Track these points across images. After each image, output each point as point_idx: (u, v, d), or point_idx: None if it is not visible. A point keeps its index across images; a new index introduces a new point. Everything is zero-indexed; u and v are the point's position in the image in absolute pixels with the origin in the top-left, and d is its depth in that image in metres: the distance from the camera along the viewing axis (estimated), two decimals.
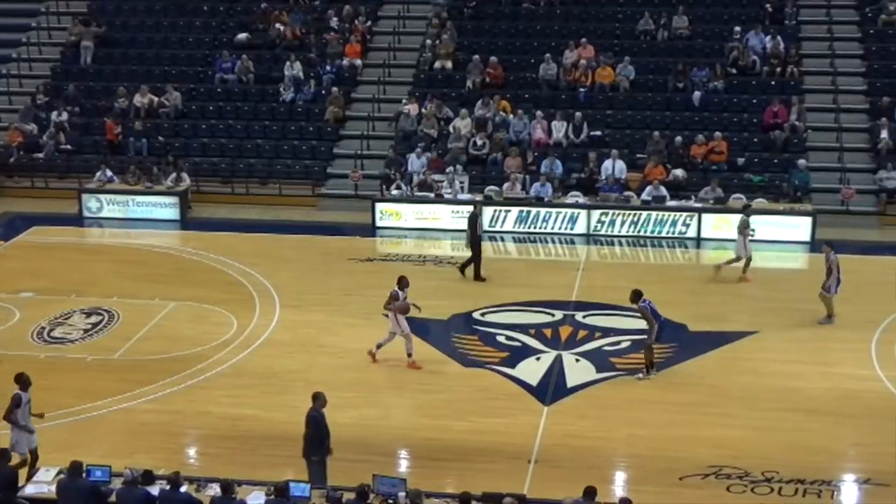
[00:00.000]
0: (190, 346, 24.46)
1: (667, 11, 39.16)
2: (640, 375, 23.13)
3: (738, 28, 38.12)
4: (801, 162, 33.73)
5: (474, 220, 28.91)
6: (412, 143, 35.55)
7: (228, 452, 19.90)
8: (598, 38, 38.58)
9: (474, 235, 28.75)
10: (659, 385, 22.90)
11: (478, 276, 28.75)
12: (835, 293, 25.39)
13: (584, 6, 40.30)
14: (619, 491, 18.70)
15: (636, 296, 23.19)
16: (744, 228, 28.40)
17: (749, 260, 28.55)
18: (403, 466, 19.93)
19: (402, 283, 23.92)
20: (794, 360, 23.90)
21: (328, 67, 38.87)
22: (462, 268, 29.04)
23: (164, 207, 34.48)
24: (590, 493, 16.69)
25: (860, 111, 36.47)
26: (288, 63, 38.65)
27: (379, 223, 33.29)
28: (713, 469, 19.39)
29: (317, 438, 17.91)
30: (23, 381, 18.63)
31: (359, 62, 39.31)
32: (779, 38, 37.79)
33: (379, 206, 33.33)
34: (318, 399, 18.05)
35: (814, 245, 31.10)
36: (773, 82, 36.98)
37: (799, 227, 31.67)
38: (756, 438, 20.53)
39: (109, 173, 35.07)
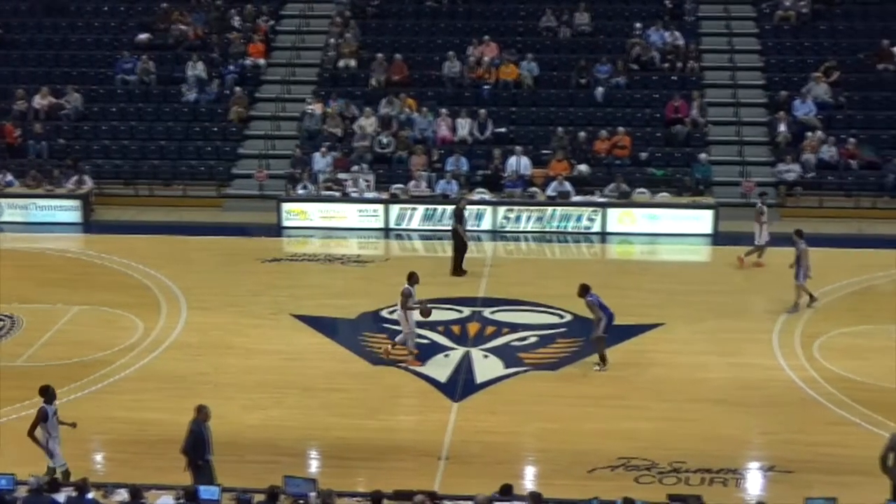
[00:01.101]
0: (94, 350, 24.13)
1: (569, 8, 39.43)
2: (597, 368, 23.30)
3: (638, 24, 38.50)
4: (703, 156, 34.19)
5: (460, 214, 29.06)
6: (317, 142, 35.42)
7: (136, 457, 19.67)
8: (502, 36, 38.74)
9: (456, 229, 28.99)
10: (567, 379, 23.07)
11: (457, 270, 28.92)
12: (803, 282, 25.54)
13: (487, 4, 40.45)
14: (529, 485, 18.77)
15: (583, 290, 23.35)
16: (759, 216, 28.65)
17: (764, 247, 28.87)
18: (314, 467, 19.85)
19: (413, 279, 23.86)
20: (700, 352, 24.21)
21: (231, 67, 38.58)
22: (457, 268, 29.02)
23: (65, 210, 33.98)
24: (506, 490, 16.77)
25: (759, 105, 37.03)
26: (190, 63, 38.30)
27: (285, 223, 33.13)
28: (622, 461, 19.59)
29: (195, 448, 17.63)
30: (49, 393, 18.18)
31: (262, 62, 39.08)
32: (678, 33, 38.25)
33: (285, 206, 33.17)
34: (202, 412, 17.77)
35: (716, 237, 31.58)
36: (673, 77, 37.43)
37: (701, 220, 32.10)
38: (664, 429, 20.76)
39: (9, 177, 34.49)
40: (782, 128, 35.16)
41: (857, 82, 36.97)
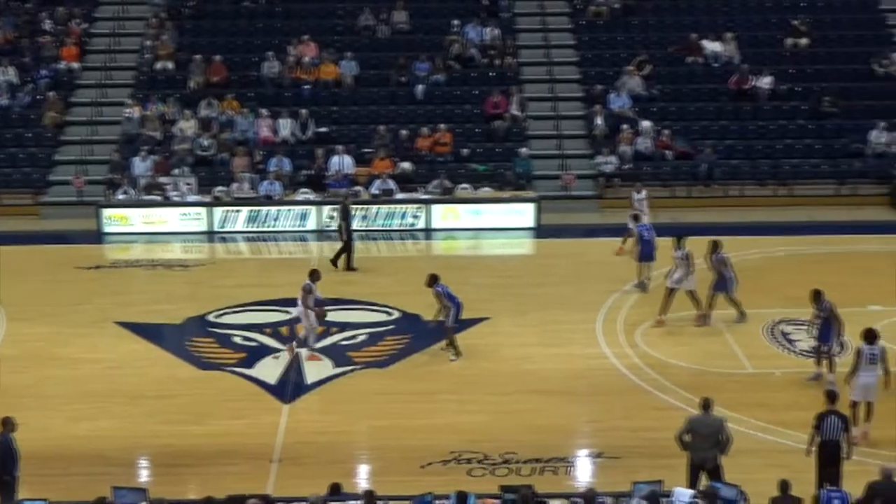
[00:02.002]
0: None
1: (387, 7, 39.58)
2: (452, 357, 23.52)
3: (456, 21, 38.84)
4: (523, 150, 34.72)
5: (346, 210, 29.05)
6: (136, 146, 34.82)
7: None
8: (320, 35, 38.66)
9: (346, 225, 28.94)
10: (397, 376, 23.19)
11: (350, 267, 29.00)
12: (733, 291, 25.34)
13: (305, 3, 40.32)
14: (363, 483, 18.84)
15: (432, 280, 23.58)
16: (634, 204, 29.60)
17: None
18: (143, 476, 19.54)
19: (315, 276, 23.93)
20: (526, 344, 24.57)
21: (44, 72, 37.67)
22: (334, 260, 29.09)
23: None
24: (334, 489, 16.79)
25: (575, 99, 37.73)
26: (1, 68, 37.25)
27: (106, 229, 32.47)
28: (454, 455, 19.77)
29: (3, 463, 17.19)
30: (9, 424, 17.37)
31: (76, 65, 38.25)
32: (496, 30, 38.73)
33: (105, 212, 32.52)
34: (7, 425, 17.34)
35: (538, 231, 32.08)
36: (492, 74, 37.88)
37: (523, 214, 32.58)
38: (494, 422, 21.03)
39: None
40: (599, 121, 35.93)
41: (668, 75, 38.01)
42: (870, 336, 20.08)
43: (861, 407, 20.00)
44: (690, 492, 17.00)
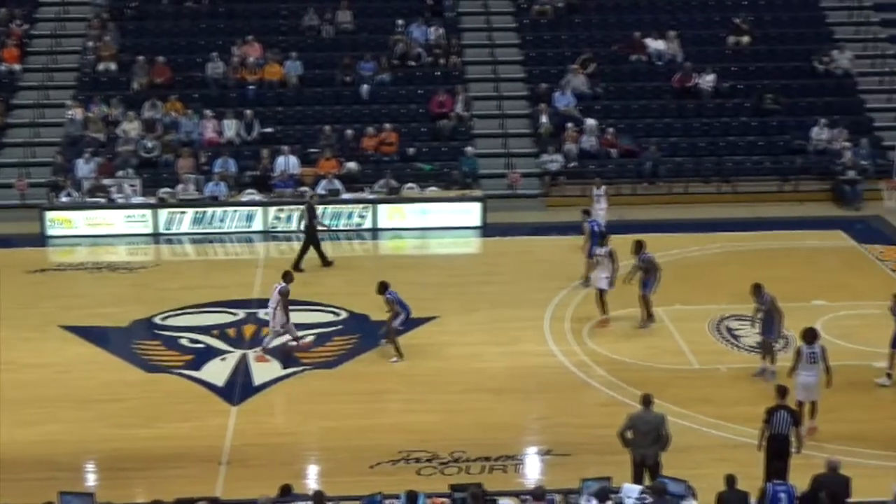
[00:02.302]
0: None
1: (331, 6, 39.49)
2: (394, 360, 23.57)
3: (400, 21, 38.83)
4: (469, 149, 34.77)
5: (311, 209, 29.08)
6: (79, 148, 34.52)
7: None
8: (265, 35, 38.50)
9: (311, 224, 29.01)
10: (345, 376, 23.19)
11: (325, 262, 29.22)
12: (650, 292, 25.32)
13: (248, 3, 40.11)
14: (312, 484, 18.83)
15: (382, 287, 23.65)
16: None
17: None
18: (91, 480, 19.44)
19: (288, 277, 24.02)
20: (474, 342, 24.63)
21: None
22: (324, 259, 29.23)
23: None
24: (285, 490, 16.77)
25: (520, 98, 37.84)
26: None
27: (49, 232, 32.15)
28: (403, 454, 19.84)
29: None
30: None
31: (17, 67, 37.85)
32: (440, 29, 38.77)
33: (48, 215, 32.21)
34: None
35: (485, 229, 32.14)
36: (437, 73, 37.91)
37: (470, 213, 32.62)
38: (443, 421, 21.10)
39: None
40: (544, 119, 36.05)
41: (612, 73, 38.19)
42: (809, 336, 20.20)
43: (805, 406, 20.18)
44: (639, 487, 17.15)
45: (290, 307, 23.90)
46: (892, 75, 38.48)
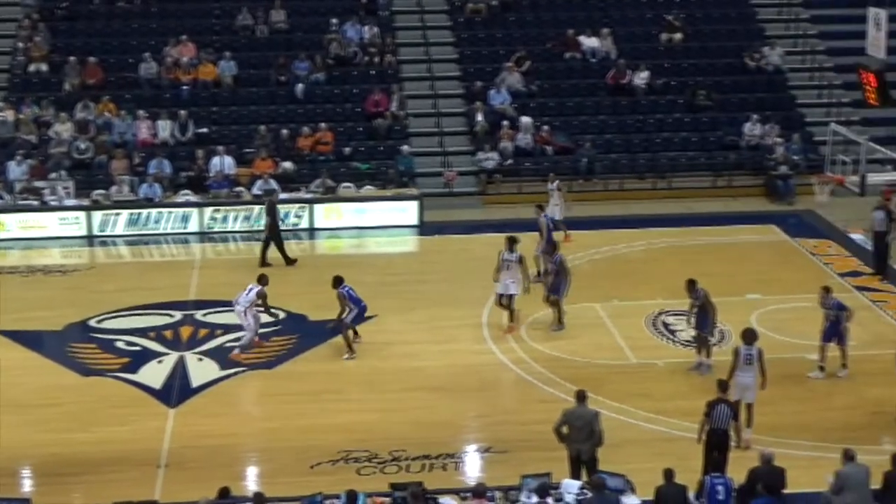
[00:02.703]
0: None
1: (264, 6, 39.34)
2: (347, 356, 23.61)
3: (335, 20, 38.76)
4: (405, 148, 34.78)
5: (272, 207, 29.09)
6: (11, 150, 34.10)
7: None
8: (198, 35, 38.27)
9: (273, 222, 29.03)
10: (284, 376, 23.13)
11: (288, 261, 29.27)
12: (563, 295, 25.29)
13: (181, 3, 39.88)
14: (252, 486, 18.77)
15: (337, 282, 23.70)
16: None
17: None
18: (27, 486, 19.24)
19: (264, 280, 24.25)
20: (413, 341, 24.65)
21: None
22: (262, 260, 29.08)
23: None
24: (223, 493, 16.69)
25: (456, 96, 37.91)
26: None
27: None
28: (343, 454, 19.81)
29: None
30: None
31: None
32: (375, 28, 38.72)
33: None
34: None
35: (422, 228, 32.15)
36: (372, 72, 37.88)
37: (407, 212, 32.61)
38: (382, 420, 21.11)
39: None
40: (479, 117, 36.12)
41: (547, 71, 38.35)
42: (748, 336, 20.28)
43: (741, 407, 20.23)
44: (578, 483, 17.25)
45: (227, 307, 23.79)
46: (822, 71, 38.92)
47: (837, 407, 21.80)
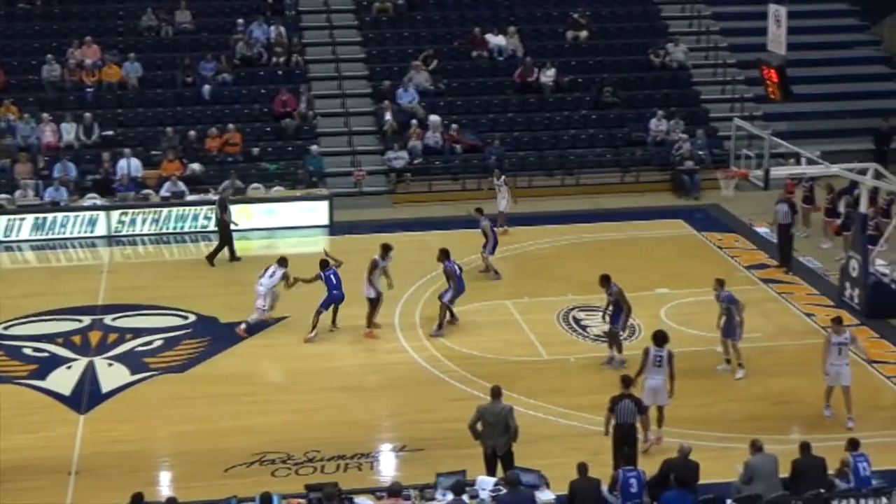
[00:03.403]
0: None
1: (169, 7, 38.99)
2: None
3: (240, 20, 38.54)
4: (314, 148, 34.69)
5: (224, 204, 29.19)
6: None
7: None
8: (102, 37, 37.82)
9: (223, 219, 29.08)
10: (196, 379, 22.99)
11: (233, 257, 29.40)
12: (453, 300, 25.24)
13: (85, 4, 39.36)
14: (166, 491, 18.64)
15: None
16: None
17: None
18: None
19: (284, 262, 25.11)
20: (326, 341, 24.60)
21: None
22: (210, 257, 29.29)
23: None
24: (136, 499, 16.53)
25: (364, 96, 37.88)
26: None
27: None
28: (257, 456, 19.75)
29: None
30: None
31: None
32: (281, 28, 38.56)
33: None
34: None
35: (332, 228, 32.09)
36: (279, 72, 37.72)
37: (317, 212, 32.53)
38: (297, 421, 21.07)
39: None
40: (388, 116, 36.12)
41: (454, 69, 38.47)
42: (659, 338, 20.36)
43: (652, 409, 20.26)
44: (493, 480, 17.36)
45: (137, 311, 23.57)
46: (724, 67, 39.49)
47: (745, 398, 22.17)
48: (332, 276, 24.47)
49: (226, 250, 29.60)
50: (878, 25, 43.99)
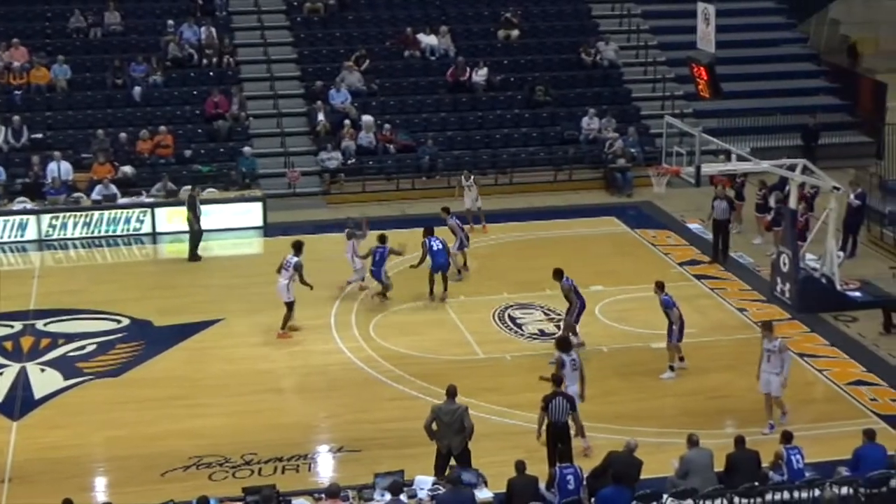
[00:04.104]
0: None
1: (97, 8, 38.60)
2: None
3: (171, 21, 38.27)
4: (247, 149, 34.52)
5: (192, 202, 29.29)
6: None
7: None
8: (29, 38, 37.34)
9: (195, 217, 29.36)
10: (131, 384, 22.80)
11: (192, 257, 29.69)
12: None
13: (11, 6, 38.81)
14: (100, 497, 18.52)
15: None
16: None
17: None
18: None
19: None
20: (261, 343, 24.53)
21: None
22: (192, 257, 29.65)
23: None
24: None
25: (296, 96, 37.76)
26: None
27: None
28: (194, 460, 19.64)
29: None
30: None
31: None
32: (212, 29, 38.33)
33: None
34: None
35: (266, 229, 31.97)
36: (211, 73, 37.50)
37: (251, 213, 32.40)
38: (233, 424, 20.97)
39: None
40: (320, 117, 36.03)
41: (386, 69, 38.45)
42: (563, 345, 20.44)
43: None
44: (431, 479, 17.39)
45: (69, 316, 23.34)
46: (655, 65, 39.81)
47: (680, 394, 22.38)
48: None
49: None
50: (805, 23, 44.67)
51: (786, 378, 20.60)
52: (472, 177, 31.92)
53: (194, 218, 29.68)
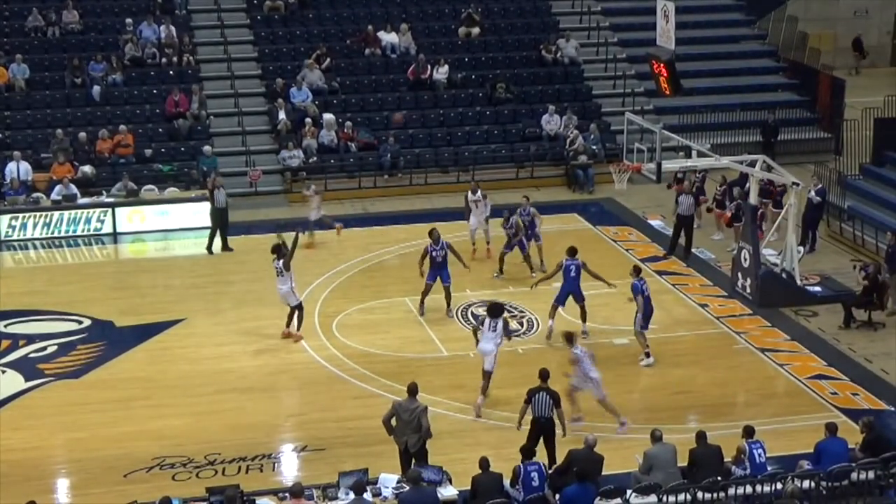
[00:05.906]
0: None
1: (56, 6, 38.36)
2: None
3: (129, 20, 38.06)
4: (207, 148, 34.36)
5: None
6: None
7: None
8: None
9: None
10: (93, 385, 22.68)
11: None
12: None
13: None
14: (63, 498, 18.41)
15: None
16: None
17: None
18: None
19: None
20: (223, 343, 24.44)
21: None
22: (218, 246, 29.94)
23: None
24: None
25: (257, 95, 37.66)
26: None
27: None
28: (157, 461, 19.56)
29: None
30: None
31: None
32: (172, 27, 38.16)
33: None
34: None
35: (228, 228, 31.78)
36: (171, 72, 37.31)
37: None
38: (196, 424, 20.90)
39: None
40: (282, 115, 35.95)
41: (347, 67, 38.41)
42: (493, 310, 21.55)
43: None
44: (395, 477, 17.39)
45: (30, 317, 23.19)
46: (615, 62, 39.92)
47: (643, 389, 22.50)
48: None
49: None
50: (764, 20, 44.92)
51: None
52: (314, 185, 31.34)
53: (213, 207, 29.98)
